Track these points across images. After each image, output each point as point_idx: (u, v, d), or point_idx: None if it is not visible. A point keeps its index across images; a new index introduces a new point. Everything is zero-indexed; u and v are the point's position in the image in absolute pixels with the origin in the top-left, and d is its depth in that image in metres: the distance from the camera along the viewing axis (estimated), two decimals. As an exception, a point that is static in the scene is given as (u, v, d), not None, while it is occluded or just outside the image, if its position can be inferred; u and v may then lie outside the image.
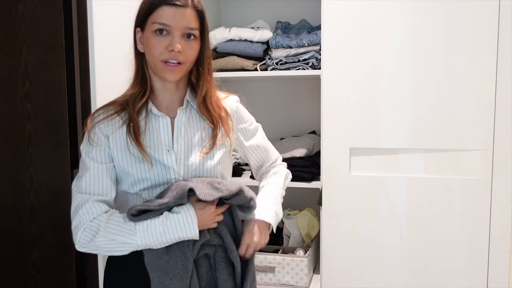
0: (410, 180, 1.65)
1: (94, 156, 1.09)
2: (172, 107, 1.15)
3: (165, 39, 1.06)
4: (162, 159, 1.09)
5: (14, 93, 1.54)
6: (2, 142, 1.56)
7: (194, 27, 1.08)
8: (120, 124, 1.11)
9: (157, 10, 1.05)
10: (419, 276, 1.66)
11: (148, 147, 1.10)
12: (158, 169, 1.09)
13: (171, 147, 1.11)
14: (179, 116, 1.14)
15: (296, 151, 1.92)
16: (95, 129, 1.10)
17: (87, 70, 1.48)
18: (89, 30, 1.46)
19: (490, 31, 1.54)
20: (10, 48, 1.53)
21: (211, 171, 1.14)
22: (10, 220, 1.58)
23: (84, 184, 1.06)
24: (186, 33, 1.07)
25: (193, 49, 1.09)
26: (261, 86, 2.30)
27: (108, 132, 1.10)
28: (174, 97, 1.16)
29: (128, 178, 1.10)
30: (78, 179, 1.09)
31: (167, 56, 1.06)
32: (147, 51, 1.09)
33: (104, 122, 1.10)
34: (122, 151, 1.09)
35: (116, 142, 1.10)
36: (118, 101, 1.14)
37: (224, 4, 2.33)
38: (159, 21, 1.05)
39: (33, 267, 1.58)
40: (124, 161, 1.09)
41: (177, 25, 1.05)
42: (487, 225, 1.59)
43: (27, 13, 1.51)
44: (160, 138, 1.11)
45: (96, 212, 1.04)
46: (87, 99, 1.49)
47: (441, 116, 1.60)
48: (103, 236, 1.02)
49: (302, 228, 1.98)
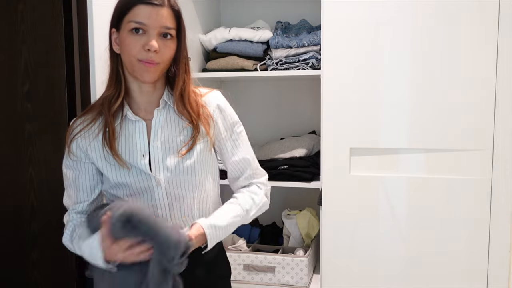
0: (410, 180, 1.65)
1: (72, 167, 1.16)
2: (150, 109, 1.14)
3: (141, 38, 1.04)
4: (137, 165, 1.10)
5: (14, 93, 1.54)
6: (2, 142, 1.56)
7: (171, 27, 1.07)
8: (96, 133, 1.12)
9: (133, 9, 1.04)
10: (419, 276, 1.66)
11: (123, 153, 1.11)
12: (136, 174, 1.11)
13: (146, 152, 1.11)
14: (156, 117, 1.13)
15: (296, 151, 1.92)
16: (73, 143, 1.14)
17: (87, 70, 1.49)
18: (89, 30, 1.46)
19: (490, 31, 1.54)
20: (10, 48, 1.53)
21: (190, 171, 1.13)
22: (10, 220, 1.58)
23: (66, 196, 1.19)
24: (162, 32, 1.06)
25: (169, 48, 1.08)
26: (261, 86, 2.30)
27: (85, 145, 1.13)
28: (151, 98, 1.14)
29: (111, 184, 1.13)
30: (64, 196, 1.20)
31: (144, 56, 1.05)
32: (123, 51, 1.08)
33: (81, 134, 1.13)
34: (101, 160, 1.12)
35: (95, 152, 1.13)
36: (96, 104, 1.15)
37: (224, 4, 2.33)
38: (135, 20, 1.04)
39: (33, 267, 1.58)
40: (104, 169, 1.12)
41: (153, 23, 1.04)
42: (487, 225, 1.59)
43: (27, 13, 1.51)
44: (136, 143, 1.12)
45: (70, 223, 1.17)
46: (87, 99, 1.50)
47: (441, 116, 1.60)
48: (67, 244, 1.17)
49: (302, 228, 1.98)
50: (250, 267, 1.84)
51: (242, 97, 2.29)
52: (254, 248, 1.97)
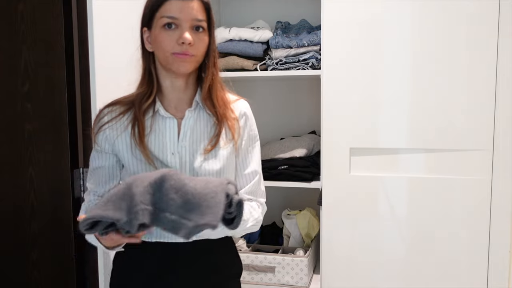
0: (410, 180, 1.65)
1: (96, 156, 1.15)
2: (181, 107, 1.14)
3: (174, 32, 1.05)
4: (166, 162, 1.09)
5: (14, 93, 1.54)
6: (2, 142, 1.56)
7: (202, 19, 1.07)
8: (125, 125, 1.11)
9: (164, 4, 1.05)
10: (419, 275, 1.66)
11: (153, 149, 1.10)
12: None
13: (176, 150, 1.10)
14: (187, 118, 1.12)
15: (296, 151, 1.92)
16: (99, 134, 1.13)
17: (87, 70, 1.48)
18: (89, 30, 1.46)
19: (490, 31, 1.54)
20: (10, 48, 1.53)
21: (216, 175, 1.11)
22: (10, 220, 1.58)
23: (89, 178, 1.18)
24: (194, 25, 1.06)
25: (202, 41, 1.08)
26: (261, 86, 2.30)
27: (113, 137, 1.12)
28: (183, 95, 1.14)
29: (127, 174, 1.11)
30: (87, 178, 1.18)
31: (178, 50, 1.04)
32: (156, 47, 1.08)
33: (109, 125, 1.12)
34: (128, 153, 1.11)
35: (122, 145, 1.12)
36: (124, 100, 1.14)
37: (224, 4, 2.33)
38: (167, 15, 1.04)
39: (33, 267, 1.58)
40: (130, 163, 1.11)
41: (185, 17, 1.04)
42: (487, 225, 1.59)
43: (27, 13, 1.51)
44: (166, 140, 1.11)
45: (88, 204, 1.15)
46: (87, 99, 1.49)
47: (441, 116, 1.60)
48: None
49: (302, 228, 1.98)
50: (250, 267, 1.84)
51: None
52: (254, 248, 1.97)
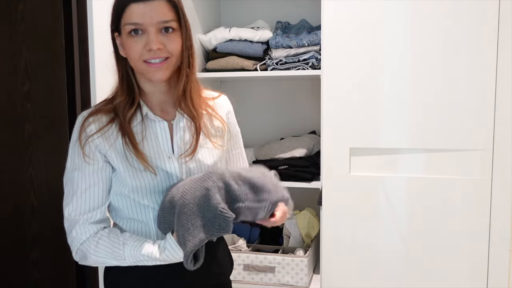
0: (410, 180, 1.65)
1: (85, 170, 1.04)
2: (166, 109, 1.10)
3: (141, 39, 0.99)
4: (164, 167, 1.05)
5: (14, 93, 1.54)
6: (2, 142, 1.56)
7: (169, 19, 1.00)
8: (115, 135, 1.04)
9: (126, 10, 0.99)
10: (419, 275, 1.66)
11: (149, 156, 1.04)
12: (161, 177, 1.05)
13: (171, 153, 1.07)
14: (178, 118, 1.10)
15: (296, 151, 1.92)
16: (88, 146, 1.03)
17: (87, 70, 1.49)
18: (89, 30, 1.46)
19: (490, 31, 1.54)
20: (10, 48, 1.53)
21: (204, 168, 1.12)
22: (10, 220, 1.58)
23: (75, 206, 1.04)
24: (162, 28, 0.99)
25: (174, 42, 1.01)
26: (261, 86, 2.30)
27: (105, 148, 1.04)
28: (167, 97, 1.10)
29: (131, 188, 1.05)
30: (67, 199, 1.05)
31: (148, 56, 0.99)
32: (127, 55, 1.03)
33: (98, 135, 1.04)
34: (123, 163, 1.04)
35: (116, 156, 1.04)
36: (105, 108, 1.06)
37: (224, 4, 2.33)
38: (130, 21, 0.98)
39: (33, 267, 1.58)
40: (127, 173, 1.04)
41: (149, 21, 0.97)
42: (487, 225, 1.59)
43: (27, 13, 1.51)
44: (160, 144, 1.07)
45: (85, 236, 1.04)
46: (87, 99, 1.49)
47: (441, 116, 1.60)
48: (94, 259, 1.04)
49: (302, 228, 1.98)
50: (250, 267, 1.84)
51: (242, 97, 2.29)
52: (254, 248, 1.97)
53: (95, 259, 1.04)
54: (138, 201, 1.06)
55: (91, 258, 1.04)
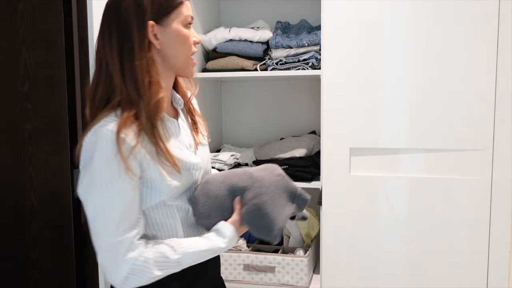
0: (410, 180, 1.65)
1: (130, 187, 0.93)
2: (167, 108, 1.08)
3: (190, 31, 1.03)
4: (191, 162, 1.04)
5: (14, 93, 1.54)
6: (2, 142, 1.56)
7: None
8: (148, 147, 0.97)
9: (185, 2, 1.01)
10: (419, 276, 1.66)
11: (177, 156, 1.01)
12: (185, 174, 1.03)
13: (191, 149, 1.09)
14: (181, 116, 1.11)
15: (296, 151, 1.92)
16: (135, 157, 0.93)
17: (87, 70, 1.49)
18: (89, 30, 1.46)
19: (490, 31, 1.54)
20: (10, 48, 1.53)
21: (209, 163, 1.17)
22: (10, 220, 1.58)
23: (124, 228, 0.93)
24: None
25: None
26: (261, 86, 2.30)
27: (146, 158, 0.96)
28: (168, 95, 1.09)
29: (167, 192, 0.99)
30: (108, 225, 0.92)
31: (195, 49, 1.04)
32: (174, 46, 0.99)
33: (138, 149, 0.94)
34: (159, 170, 0.97)
35: (154, 163, 0.97)
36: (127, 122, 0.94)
37: (224, 4, 2.33)
38: (190, 13, 1.01)
39: (33, 267, 1.58)
40: (163, 178, 0.98)
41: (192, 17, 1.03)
42: (487, 225, 1.59)
43: (27, 13, 1.51)
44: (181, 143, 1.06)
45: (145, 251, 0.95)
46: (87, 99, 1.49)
47: (441, 116, 1.60)
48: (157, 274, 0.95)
49: (302, 228, 1.98)
50: (250, 267, 1.84)
51: (242, 97, 2.29)
52: (254, 248, 1.97)
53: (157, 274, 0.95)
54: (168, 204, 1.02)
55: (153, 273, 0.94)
